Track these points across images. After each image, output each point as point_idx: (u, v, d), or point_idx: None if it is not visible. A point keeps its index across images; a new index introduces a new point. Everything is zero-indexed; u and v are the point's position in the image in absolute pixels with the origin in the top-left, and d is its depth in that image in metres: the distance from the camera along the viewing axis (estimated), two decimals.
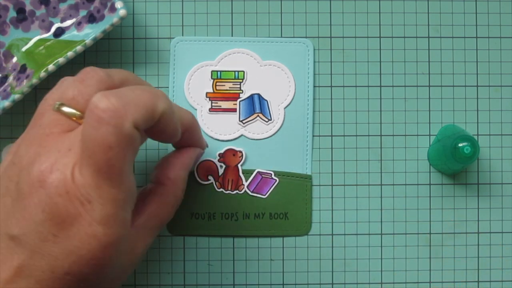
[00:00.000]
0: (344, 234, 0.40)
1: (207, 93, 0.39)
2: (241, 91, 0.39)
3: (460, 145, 0.36)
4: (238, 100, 0.39)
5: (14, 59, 0.38)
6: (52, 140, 0.28)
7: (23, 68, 0.38)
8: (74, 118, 0.29)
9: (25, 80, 0.37)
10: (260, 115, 0.39)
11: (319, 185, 0.40)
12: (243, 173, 0.39)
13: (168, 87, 0.39)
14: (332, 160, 0.40)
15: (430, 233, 0.40)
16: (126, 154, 0.26)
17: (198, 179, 0.39)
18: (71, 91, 0.29)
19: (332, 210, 0.40)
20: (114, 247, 0.28)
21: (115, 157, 0.26)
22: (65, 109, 0.29)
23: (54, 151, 0.27)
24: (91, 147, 0.26)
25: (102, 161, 0.26)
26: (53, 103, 0.29)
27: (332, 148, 0.40)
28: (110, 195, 0.27)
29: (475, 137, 0.40)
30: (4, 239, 0.27)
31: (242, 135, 0.39)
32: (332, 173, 0.40)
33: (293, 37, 0.40)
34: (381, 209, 0.40)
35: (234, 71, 0.39)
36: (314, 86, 0.40)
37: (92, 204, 0.26)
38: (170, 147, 0.39)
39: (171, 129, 0.30)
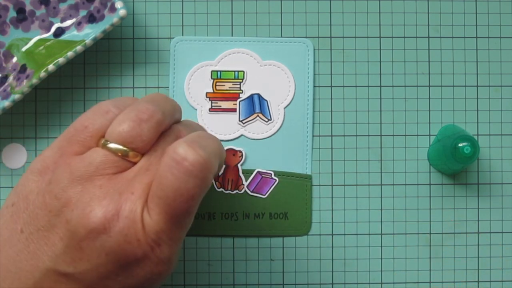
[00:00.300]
0: (344, 234, 0.40)
1: (207, 93, 0.39)
2: (241, 91, 0.39)
3: (460, 145, 0.36)
4: (238, 100, 0.39)
5: (14, 59, 0.38)
6: (107, 181, 0.27)
7: (23, 68, 0.38)
8: (120, 154, 0.27)
9: (25, 80, 0.37)
10: (260, 115, 0.39)
11: (319, 185, 0.40)
12: (243, 173, 0.39)
13: (168, 87, 0.39)
14: (332, 160, 0.40)
15: (430, 233, 0.40)
16: (200, 200, 0.27)
17: None
18: (127, 129, 0.27)
19: (332, 210, 0.40)
20: (169, 275, 0.28)
21: (194, 206, 0.26)
22: (115, 146, 0.27)
23: (115, 194, 0.26)
24: (173, 196, 0.25)
25: (182, 210, 0.26)
26: (96, 135, 0.28)
27: (332, 148, 0.40)
28: (178, 236, 0.27)
29: (475, 137, 0.40)
30: (52, 274, 0.26)
31: (242, 135, 0.39)
32: (332, 173, 0.40)
33: (293, 37, 0.40)
34: (381, 209, 0.40)
35: (234, 71, 0.39)
36: (314, 86, 0.40)
37: (161, 247, 0.26)
38: None
39: (218, 172, 0.31)
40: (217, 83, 0.39)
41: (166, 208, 0.26)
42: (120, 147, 0.27)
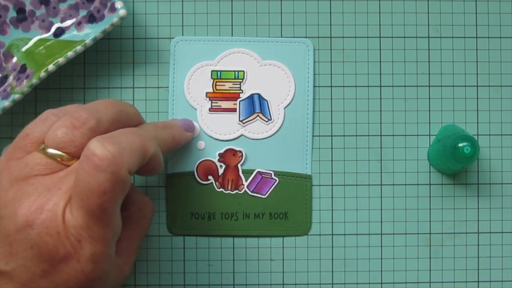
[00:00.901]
0: (344, 234, 0.40)
1: (207, 93, 0.39)
2: (241, 91, 0.39)
3: (460, 145, 0.36)
4: (238, 100, 0.39)
5: (14, 59, 0.38)
6: (40, 179, 0.29)
7: (23, 68, 0.38)
8: (59, 159, 0.29)
9: (25, 80, 0.37)
10: (260, 115, 0.39)
11: (319, 185, 0.40)
12: (243, 173, 0.39)
13: (168, 87, 0.39)
14: (332, 160, 0.40)
15: (430, 233, 0.40)
16: (118, 198, 0.28)
17: (198, 179, 0.39)
18: (61, 135, 0.29)
19: (332, 210, 0.40)
20: (101, 280, 0.29)
21: (108, 201, 0.27)
22: (52, 151, 0.29)
23: (43, 190, 0.28)
24: (85, 192, 0.27)
25: (95, 205, 0.27)
26: (36, 141, 0.30)
27: (332, 148, 0.40)
28: (99, 235, 0.28)
29: (475, 137, 0.40)
30: None
31: (242, 135, 0.39)
32: (332, 173, 0.40)
33: (293, 37, 0.40)
34: (381, 209, 0.40)
35: (234, 71, 0.39)
36: (314, 86, 0.40)
37: (82, 243, 0.27)
38: None
39: (158, 166, 0.32)
40: (217, 83, 0.39)
41: (81, 203, 0.27)
42: (56, 152, 0.29)
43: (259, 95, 0.39)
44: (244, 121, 0.39)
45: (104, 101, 0.32)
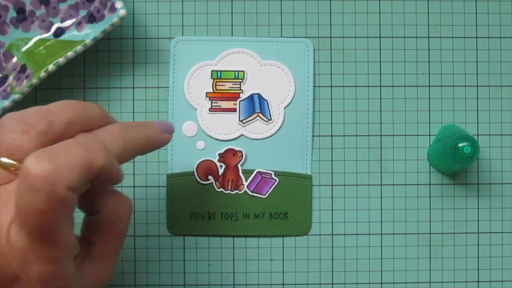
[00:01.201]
0: (344, 234, 0.40)
1: (207, 93, 0.39)
2: (241, 91, 0.39)
3: (460, 145, 0.36)
4: (238, 100, 0.39)
5: (14, 59, 0.38)
6: None
7: (23, 68, 0.38)
8: (13, 169, 0.27)
9: (25, 80, 0.37)
10: (260, 115, 0.39)
11: (319, 185, 0.40)
12: (243, 173, 0.39)
13: (168, 87, 0.39)
14: (332, 160, 0.40)
15: (430, 233, 0.40)
16: (60, 217, 0.25)
17: (198, 179, 0.39)
18: (12, 141, 0.27)
19: (332, 210, 0.40)
20: None
21: (49, 221, 0.25)
22: (4, 160, 0.27)
23: None
24: (24, 212, 0.25)
25: (35, 226, 0.25)
26: None
27: (332, 148, 0.40)
28: (46, 255, 0.26)
29: (475, 137, 0.40)
30: None
31: (242, 135, 0.39)
32: (332, 173, 0.40)
33: (293, 37, 0.40)
34: (381, 209, 0.40)
35: (234, 71, 0.39)
36: (314, 86, 0.40)
37: (29, 264, 0.25)
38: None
39: (114, 178, 0.29)
40: (217, 83, 0.39)
41: (22, 224, 0.25)
42: (8, 161, 0.27)
43: (259, 95, 0.39)
44: (244, 121, 0.39)
45: (62, 103, 0.30)
